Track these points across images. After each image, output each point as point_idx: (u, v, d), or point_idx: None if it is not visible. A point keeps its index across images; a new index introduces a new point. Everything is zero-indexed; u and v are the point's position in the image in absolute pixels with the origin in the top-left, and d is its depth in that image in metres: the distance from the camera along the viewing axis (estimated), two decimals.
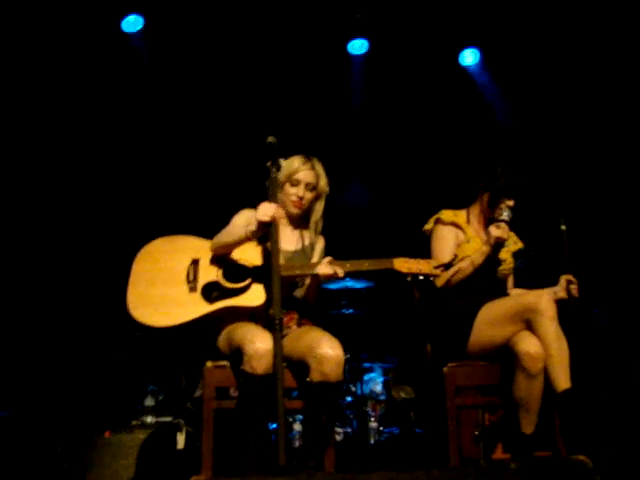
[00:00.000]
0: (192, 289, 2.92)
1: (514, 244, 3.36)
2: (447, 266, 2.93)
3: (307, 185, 3.08)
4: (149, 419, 3.85)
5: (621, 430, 3.02)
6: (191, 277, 2.95)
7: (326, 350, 2.71)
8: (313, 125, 5.37)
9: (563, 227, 3.20)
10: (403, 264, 2.88)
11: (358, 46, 5.48)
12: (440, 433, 3.02)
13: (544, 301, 2.87)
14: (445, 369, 2.98)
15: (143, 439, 3.47)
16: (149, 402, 3.94)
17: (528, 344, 2.83)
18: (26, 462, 3.42)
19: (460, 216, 3.28)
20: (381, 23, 5.32)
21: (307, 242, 3.16)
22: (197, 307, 2.87)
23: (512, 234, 3.37)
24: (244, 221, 3.00)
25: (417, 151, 5.55)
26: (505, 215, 3.11)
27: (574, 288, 3.11)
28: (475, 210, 3.30)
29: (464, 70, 5.58)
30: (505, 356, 2.92)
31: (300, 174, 3.07)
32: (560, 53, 5.20)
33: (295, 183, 3.07)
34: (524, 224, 4.51)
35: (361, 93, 5.56)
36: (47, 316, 4.69)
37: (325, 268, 2.85)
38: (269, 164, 2.64)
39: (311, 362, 2.72)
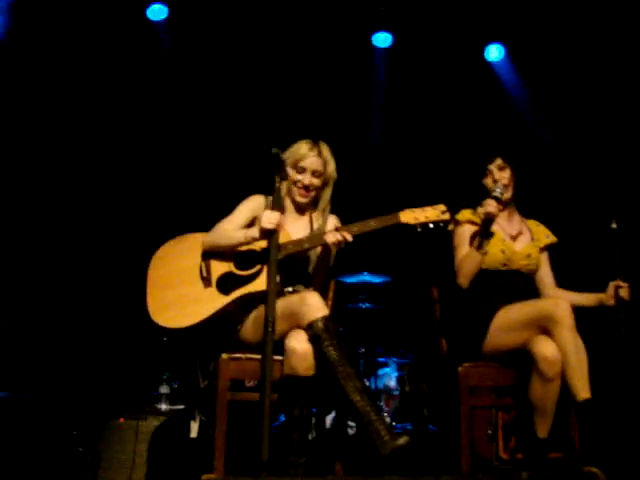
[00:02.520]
0: (207, 284, 2.94)
1: (545, 238, 3.31)
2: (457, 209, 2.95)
3: (314, 172, 3.04)
4: (163, 406, 3.87)
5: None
6: (204, 273, 2.96)
7: (293, 344, 2.67)
8: (333, 118, 5.35)
9: (614, 226, 3.11)
10: (410, 215, 2.84)
11: (382, 39, 5.46)
12: (453, 431, 3.01)
13: (561, 309, 2.82)
14: (460, 369, 2.96)
15: (157, 426, 3.49)
16: (164, 389, 3.96)
17: (545, 348, 2.79)
18: (42, 444, 3.46)
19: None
20: (405, 16, 5.29)
21: (316, 226, 3.13)
22: (215, 301, 2.89)
23: (542, 227, 3.36)
24: (250, 210, 3.05)
25: (439, 146, 5.50)
26: (497, 192, 3.08)
27: (624, 292, 3.03)
28: None
29: (489, 65, 5.54)
30: (520, 358, 2.90)
31: (306, 161, 3.03)
32: (586, 48, 5.13)
33: (301, 171, 3.04)
34: (571, 221, 4.47)
35: (384, 86, 5.54)
36: (69, 303, 4.73)
37: (333, 236, 2.82)
38: (275, 175, 2.60)
39: (284, 354, 2.70)
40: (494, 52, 5.50)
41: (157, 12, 5.12)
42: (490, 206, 3.01)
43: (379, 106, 5.54)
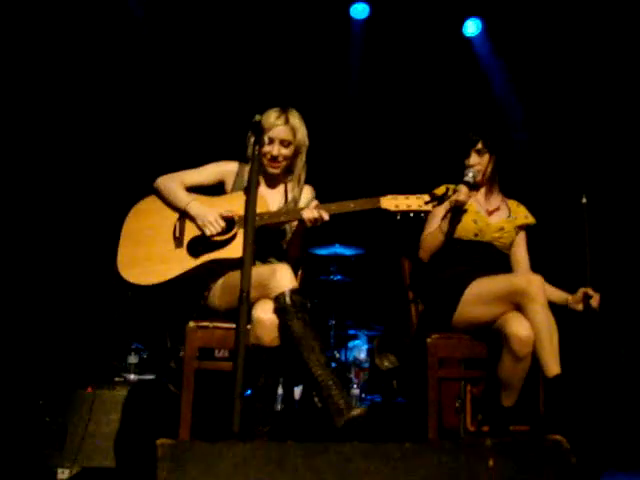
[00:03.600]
0: (178, 245, 2.91)
1: (524, 218, 3.30)
2: (440, 200, 2.86)
3: (282, 142, 2.99)
4: (132, 376, 3.86)
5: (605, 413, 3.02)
6: (177, 233, 2.94)
7: (259, 314, 2.66)
8: (310, 88, 5.30)
9: (584, 200, 3.08)
10: (391, 202, 2.81)
11: (360, 10, 5.41)
12: (421, 403, 3.02)
13: (534, 286, 2.79)
14: (429, 340, 2.94)
15: (125, 396, 3.47)
16: (132, 360, 3.94)
17: (518, 327, 2.76)
18: (8, 414, 3.43)
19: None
20: None
21: (290, 196, 3.11)
22: (182, 262, 2.87)
23: (522, 208, 3.35)
24: (219, 173, 3.07)
25: (416, 120, 5.49)
26: (469, 177, 3.05)
27: (595, 302, 2.99)
28: None
29: (468, 41, 5.51)
30: (491, 334, 2.90)
31: (274, 131, 2.96)
32: (563, 24, 5.13)
33: (269, 141, 2.97)
34: (541, 196, 4.48)
35: (360, 58, 5.50)
36: (33, 270, 4.66)
37: (310, 212, 2.80)
38: (251, 141, 2.55)
39: (250, 323, 2.67)
40: (472, 27, 5.47)
41: None
42: (461, 194, 2.97)
43: (356, 78, 5.51)
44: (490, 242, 3.17)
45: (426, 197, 2.83)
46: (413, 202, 2.81)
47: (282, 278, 2.67)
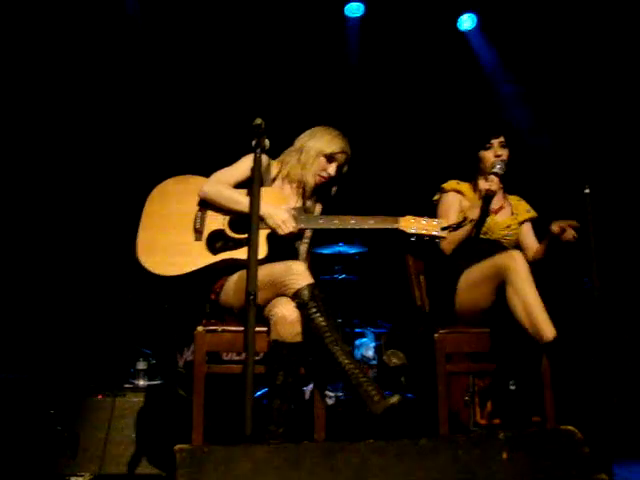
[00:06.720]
0: (198, 237, 2.91)
1: (526, 212, 3.37)
2: (457, 226, 2.89)
3: (339, 166, 3.08)
4: (141, 382, 3.86)
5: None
6: (198, 224, 2.94)
7: (282, 311, 2.68)
8: (308, 89, 5.32)
9: (587, 191, 3.11)
10: (410, 223, 2.80)
11: (354, 9, 5.42)
12: (431, 398, 3.03)
13: (517, 260, 2.84)
14: (436, 336, 2.97)
15: (135, 402, 3.48)
16: (141, 365, 3.95)
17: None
18: (19, 424, 3.43)
19: (463, 185, 3.30)
20: None
21: (308, 203, 3.14)
22: (201, 257, 2.87)
23: (523, 203, 3.42)
24: (249, 169, 2.96)
25: (413, 120, 5.50)
26: (497, 168, 3.10)
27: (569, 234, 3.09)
28: (479, 178, 3.29)
29: (463, 35, 5.52)
30: (492, 320, 2.94)
31: (340, 155, 3.07)
32: (558, 17, 5.14)
33: (331, 160, 3.06)
34: (544, 187, 4.50)
35: (356, 57, 5.50)
36: (42, 277, 4.68)
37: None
38: (253, 144, 2.56)
39: (269, 321, 2.70)
40: (467, 22, 5.49)
41: None
42: (493, 183, 3.04)
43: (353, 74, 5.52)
44: (498, 239, 3.24)
45: (443, 222, 2.83)
46: (430, 226, 2.79)
47: (299, 274, 2.69)
